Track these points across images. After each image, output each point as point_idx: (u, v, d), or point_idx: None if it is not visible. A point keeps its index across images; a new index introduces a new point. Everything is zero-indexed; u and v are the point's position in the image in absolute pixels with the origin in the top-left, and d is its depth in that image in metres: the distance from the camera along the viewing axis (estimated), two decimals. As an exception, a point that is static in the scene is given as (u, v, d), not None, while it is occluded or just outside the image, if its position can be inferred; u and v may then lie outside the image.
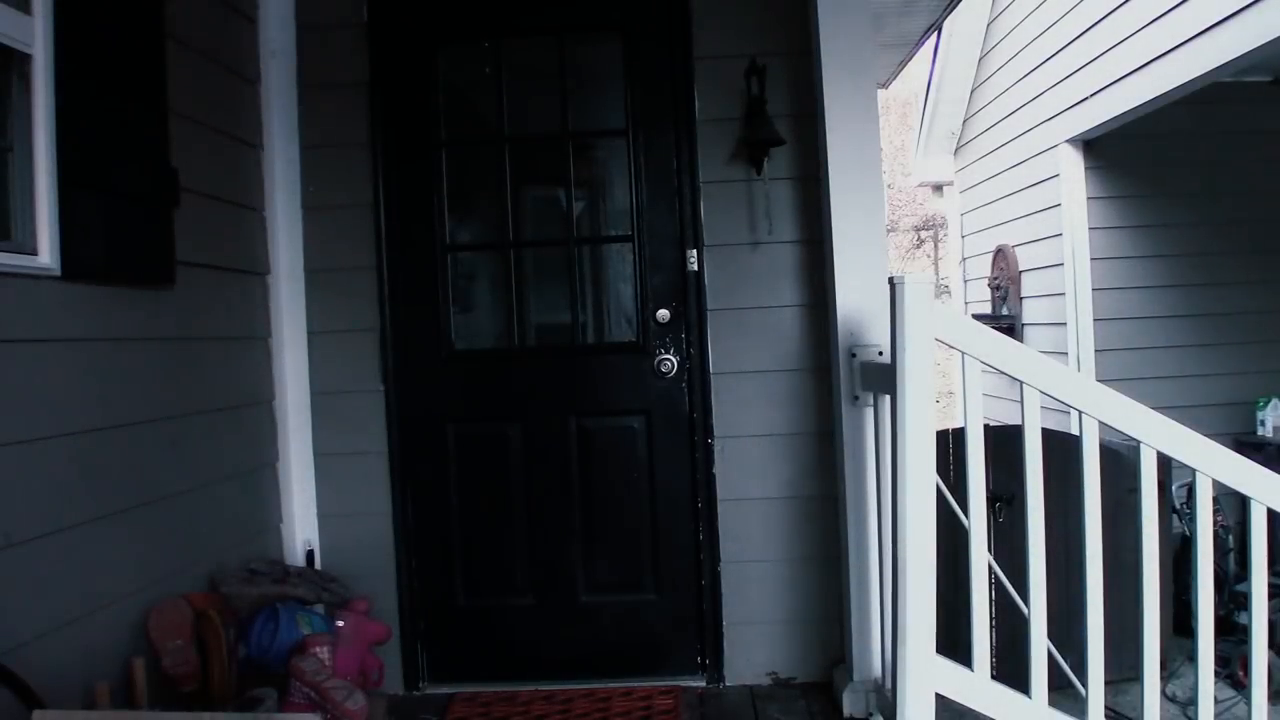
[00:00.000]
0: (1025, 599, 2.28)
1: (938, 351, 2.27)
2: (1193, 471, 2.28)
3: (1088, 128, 4.48)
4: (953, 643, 2.33)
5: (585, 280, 3.19)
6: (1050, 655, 2.30)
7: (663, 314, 3.00)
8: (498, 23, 3.08)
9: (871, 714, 2.69)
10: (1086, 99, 4.44)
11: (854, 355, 2.72)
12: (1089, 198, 4.69)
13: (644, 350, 3.02)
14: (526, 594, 3.08)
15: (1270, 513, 2.28)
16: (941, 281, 10.56)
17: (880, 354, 2.66)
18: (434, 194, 3.05)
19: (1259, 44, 3.15)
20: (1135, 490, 2.29)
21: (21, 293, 1.92)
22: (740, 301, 2.87)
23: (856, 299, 2.75)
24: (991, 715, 2.27)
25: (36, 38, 1.95)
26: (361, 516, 3.03)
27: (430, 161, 3.05)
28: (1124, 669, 2.80)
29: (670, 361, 3.00)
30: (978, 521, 2.28)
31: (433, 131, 3.06)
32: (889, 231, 11.78)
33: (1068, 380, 2.31)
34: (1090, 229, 4.67)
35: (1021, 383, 2.25)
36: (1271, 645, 2.79)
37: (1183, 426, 2.27)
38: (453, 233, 3.13)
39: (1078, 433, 2.27)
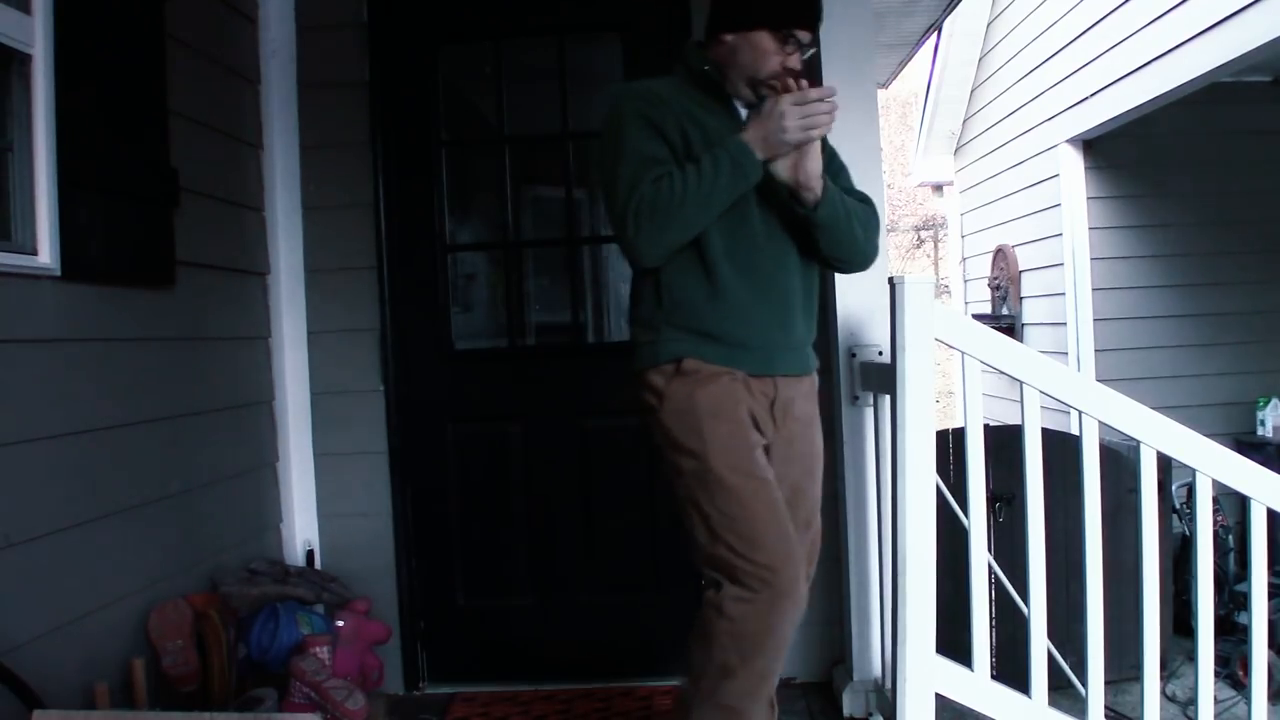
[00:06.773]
0: (1025, 599, 2.28)
1: (938, 351, 2.27)
2: (1193, 471, 2.28)
3: (1088, 128, 4.49)
4: (953, 643, 2.33)
5: (586, 280, 3.18)
6: (1050, 655, 2.30)
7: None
8: (498, 23, 3.07)
9: (871, 714, 2.69)
10: (1086, 99, 4.44)
11: (854, 355, 2.72)
12: (1089, 198, 4.70)
13: (644, 350, 3.01)
14: (526, 594, 3.08)
15: (1270, 513, 2.28)
16: (941, 281, 10.57)
17: (880, 354, 2.66)
18: (434, 194, 3.05)
19: (1259, 44, 3.16)
20: (1135, 490, 2.29)
21: (21, 293, 1.92)
22: (740, 301, 2.86)
23: (856, 299, 2.74)
24: (991, 715, 2.27)
25: (36, 38, 1.94)
26: (361, 516, 3.03)
27: (430, 161, 3.05)
28: (1124, 669, 2.80)
29: (670, 361, 2.98)
30: (978, 521, 2.28)
31: (433, 131, 3.05)
32: (889, 231, 11.77)
33: (1068, 380, 2.31)
34: (1090, 229, 4.67)
35: (1021, 383, 2.25)
36: (1271, 645, 2.79)
37: (1183, 426, 2.27)
38: (453, 232, 3.13)
39: (1078, 433, 2.27)
